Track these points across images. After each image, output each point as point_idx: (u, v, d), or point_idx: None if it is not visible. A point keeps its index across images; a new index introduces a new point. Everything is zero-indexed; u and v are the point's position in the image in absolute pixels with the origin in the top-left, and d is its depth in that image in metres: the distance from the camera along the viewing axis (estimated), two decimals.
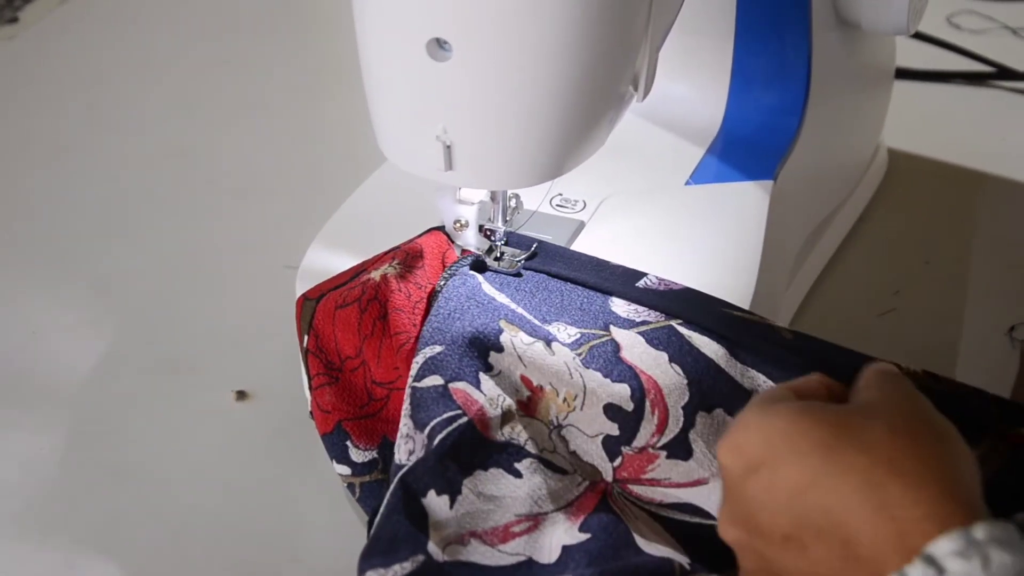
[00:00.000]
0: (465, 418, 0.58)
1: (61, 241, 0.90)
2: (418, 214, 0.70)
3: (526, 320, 0.62)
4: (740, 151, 0.75)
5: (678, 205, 0.72)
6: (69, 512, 0.68)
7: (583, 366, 0.60)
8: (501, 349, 0.60)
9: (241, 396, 0.75)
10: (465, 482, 0.57)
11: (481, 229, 0.66)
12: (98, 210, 0.93)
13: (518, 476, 0.58)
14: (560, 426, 0.60)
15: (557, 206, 0.72)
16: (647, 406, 0.58)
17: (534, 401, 0.60)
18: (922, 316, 0.80)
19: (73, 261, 0.88)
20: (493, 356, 0.60)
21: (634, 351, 0.60)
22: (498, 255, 0.66)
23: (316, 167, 0.98)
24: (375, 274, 0.64)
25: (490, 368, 0.60)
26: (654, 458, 0.58)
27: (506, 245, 0.67)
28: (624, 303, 0.63)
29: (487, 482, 0.57)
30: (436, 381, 0.59)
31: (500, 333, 0.61)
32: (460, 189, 0.64)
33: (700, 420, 0.58)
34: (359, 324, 0.63)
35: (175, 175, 0.97)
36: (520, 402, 0.60)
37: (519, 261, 0.66)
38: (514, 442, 0.58)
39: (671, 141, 0.77)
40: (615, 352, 0.60)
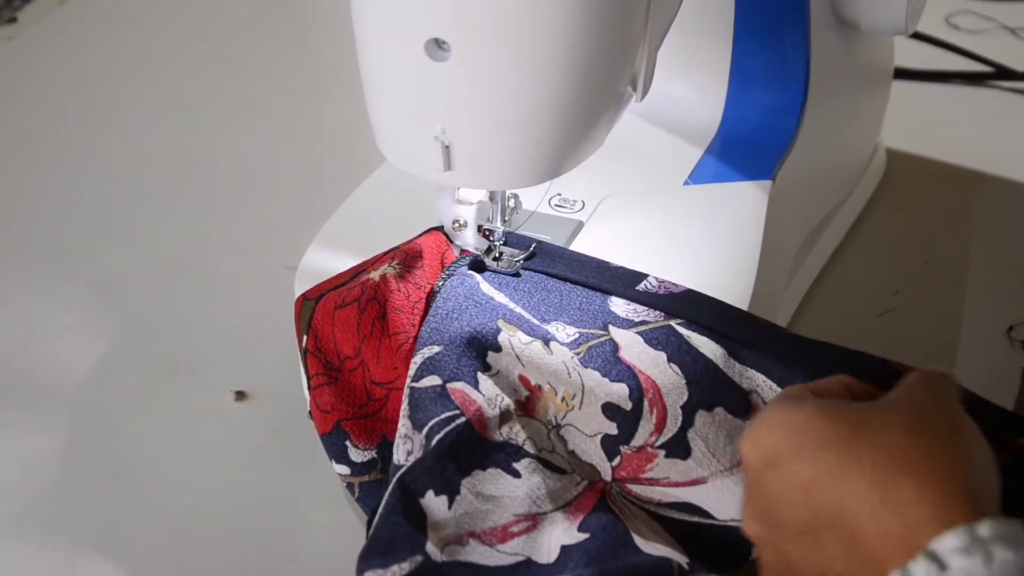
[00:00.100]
0: (463, 418, 0.58)
1: (60, 241, 0.90)
2: (417, 214, 0.70)
3: (524, 319, 0.62)
4: (739, 151, 0.75)
5: (677, 205, 0.72)
6: (69, 512, 0.68)
7: (581, 365, 0.60)
8: (499, 349, 0.60)
9: (240, 396, 0.75)
10: (463, 482, 0.57)
11: (480, 229, 0.66)
12: (97, 210, 0.93)
13: (516, 476, 0.58)
14: (559, 426, 0.60)
15: (556, 206, 0.72)
16: (645, 405, 0.58)
17: (532, 401, 0.60)
18: (921, 316, 0.80)
19: (72, 261, 0.88)
20: (491, 356, 0.60)
21: (632, 351, 0.60)
22: (497, 255, 0.66)
23: (315, 167, 0.98)
24: (374, 274, 0.64)
25: (488, 368, 0.60)
26: (653, 457, 0.58)
27: (505, 245, 0.67)
28: (623, 303, 0.63)
29: (485, 482, 0.57)
30: (434, 381, 0.59)
31: (498, 333, 0.61)
32: (459, 189, 0.64)
33: (700, 419, 0.58)
34: (358, 324, 0.63)
35: (174, 175, 0.97)
36: (518, 402, 0.60)
37: (518, 261, 0.66)
38: (512, 442, 0.58)
39: (670, 141, 0.77)
40: (614, 352, 0.60)
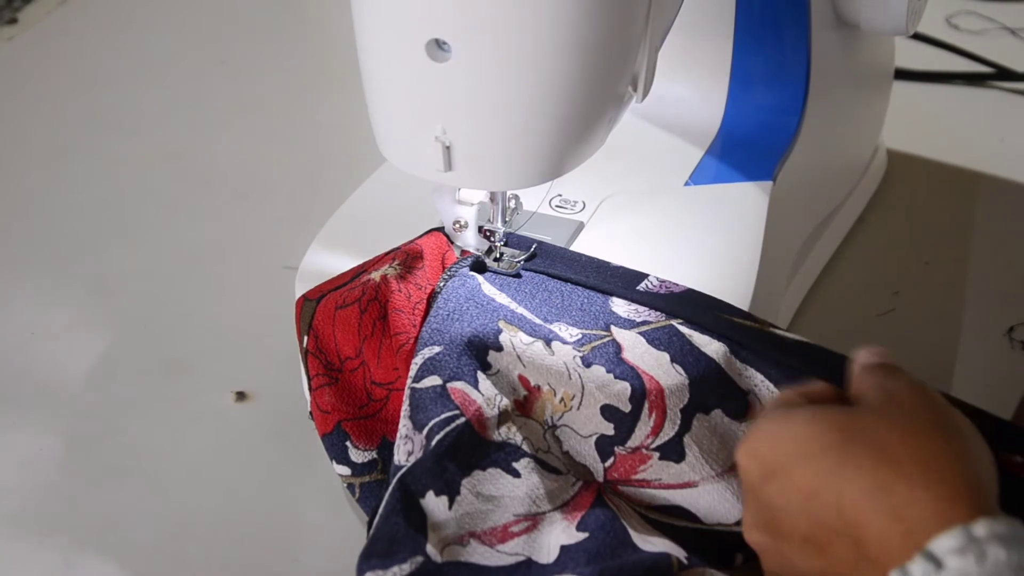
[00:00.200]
0: (463, 418, 0.58)
1: (59, 241, 0.90)
2: (417, 215, 0.70)
3: (526, 320, 0.62)
4: (739, 152, 0.75)
5: (677, 206, 0.72)
6: (67, 512, 0.68)
7: (583, 366, 0.60)
8: (500, 349, 0.60)
9: (240, 397, 0.75)
10: (464, 482, 0.57)
11: (480, 230, 0.66)
12: (97, 211, 0.93)
13: (516, 476, 0.57)
14: (554, 426, 0.60)
15: (556, 207, 0.72)
16: (645, 407, 0.58)
17: (530, 401, 0.60)
18: (921, 317, 0.80)
19: (71, 261, 0.88)
20: (492, 355, 0.60)
21: (635, 351, 0.60)
22: (497, 256, 0.66)
23: (315, 168, 0.98)
24: (375, 275, 0.64)
25: (488, 367, 0.60)
26: (647, 459, 0.58)
27: (505, 246, 0.67)
28: (624, 303, 0.63)
29: (486, 482, 0.57)
30: (435, 381, 0.59)
31: (499, 333, 0.61)
32: (459, 190, 0.64)
33: (697, 423, 0.58)
34: (359, 325, 0.63)
35: (174, 176, 0.97)
36: (517, 401, 0.60)
37: (518, 262, 0.65)
38: (510, 442, 0.58)
39: (670, 142, 0.77)
40: (616, 353, 0.60)
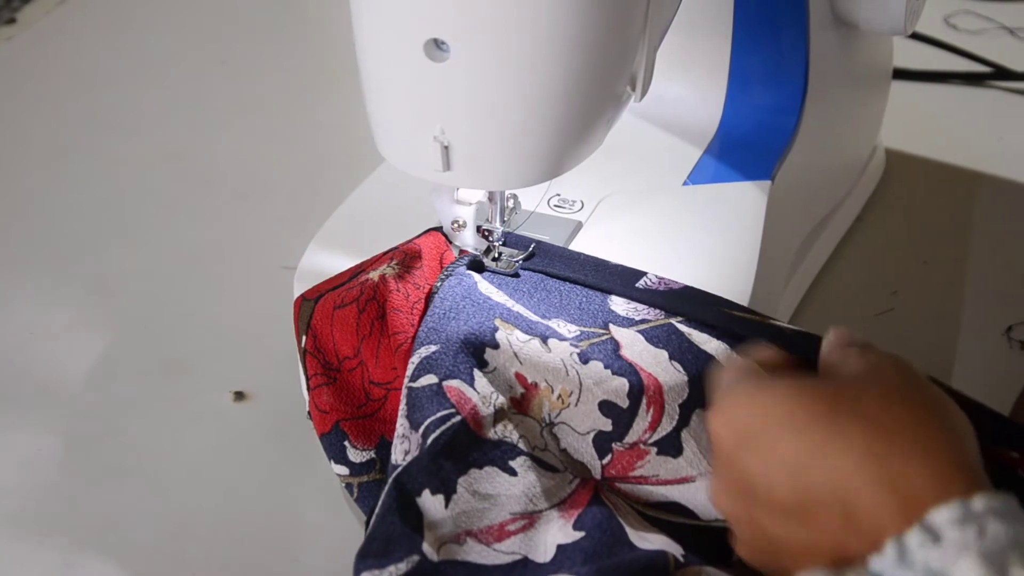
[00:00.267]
0: (459, 417, 0.58)
1: (59, 241, 0.90)
2: (416, 215, 0.70)
3: (522, 318, 0.62)
4: (738, 151, 0.75)
5: (676, 205, 0.72)
6: (67, 512, 0.68)
7: (580, 362, 0.60)
8: (497, 346, 0.60)
9: (239, 397, 0.75)
10: (460, 481, 0.57)
11: (479, 229, 0.66)
12: (96, 211, 0.93)
13: (512, 474, 0.57)
14: (552, 423, 0.60)
15: (555, 206, 0.72)
16: (643, 402, 0.58)
17: (527, 398, 0.60)
18: (920, 316, 0.80)
19: (70, 261, 0.88)
20: (489, 353, 0.60)
21: (634, 349, 0.60)
22: (496, 255, 0.66)
23: (314, 168, 0.98)
24: (373, 274, 0.64)
25: (485, 364, 0.60)
26: (644, 454, 0.58)
27: (504, 245, 0.67)
28: (623, 301, 0.63)
29: (482, 480, 0.57)
30: (431, 380, 0.59)
31: (495, 331, 0.61)
32: (458, 189, 0.64)
33: (695, 418, 0.58)
34: (357, 324, 0.63)
35: (172, 176, 0.97)
36: (513, 399, 0.59)
37: (517, 261, 0.65)
38: (507, 440, 0.58)
39: (669, 141, 0.77)
40: (615, 350, 0.60)
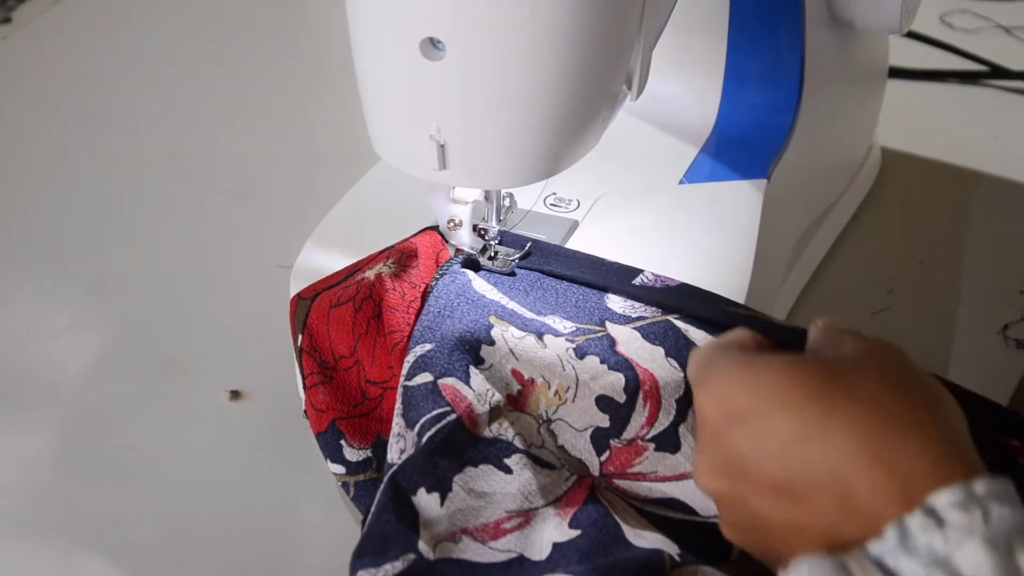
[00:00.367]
0: (454, 415, 0.58)
1: (56, 241, 0.90)
2: (412, 214, 0.70)
3: (517, 315, 0.62)
4: (734, 150, 0.75)
5: (672, 204, 0.72)
6: (64, 512, 0.68)
7: (576, 357, 0.60)
8: (492, 343, 0.60)
9: (235, 396, 0.74)
10: (455, 479, 0.57)
11: (475, 228, 0.66)
12: (92, 211, 0.93)
13: (508, 472, 0.57)
14: (549, 420, 0.60)
15: (551, 205, 0.72)
16: (640, 398, 0.58)
17: (524, 395, 0.60)
18: (916, 315, 0.80)
19: (68, 261, 0.88)
20: (485, 350, 0.60)
21: (630, 346, 0.60)
22: (492, 254, 0.66)
23: (310, 167, 0.98)
24: (370, 273, 0.64)
25: (481, 361, 0.60)
26: (642, 450, 0.58)
27: (500, 244, 0.67)
28: (620, 299, 0.63)
29: (477, 479, 0.57)
30: (426, 378, 0.59)
31: (491, 328, 0.61)
32: (454, 188, 0.64)
33: (692, 414, 0.58)
34: (353, 323, 0.63)
35: (169, 175, 0.97)
36: (510, 396, 0.59)
37: (513, 260, 0.65)
38: (502, 438, 0.58)
39: (665, 140, 0.77)
40: (611, 346, 0.60)
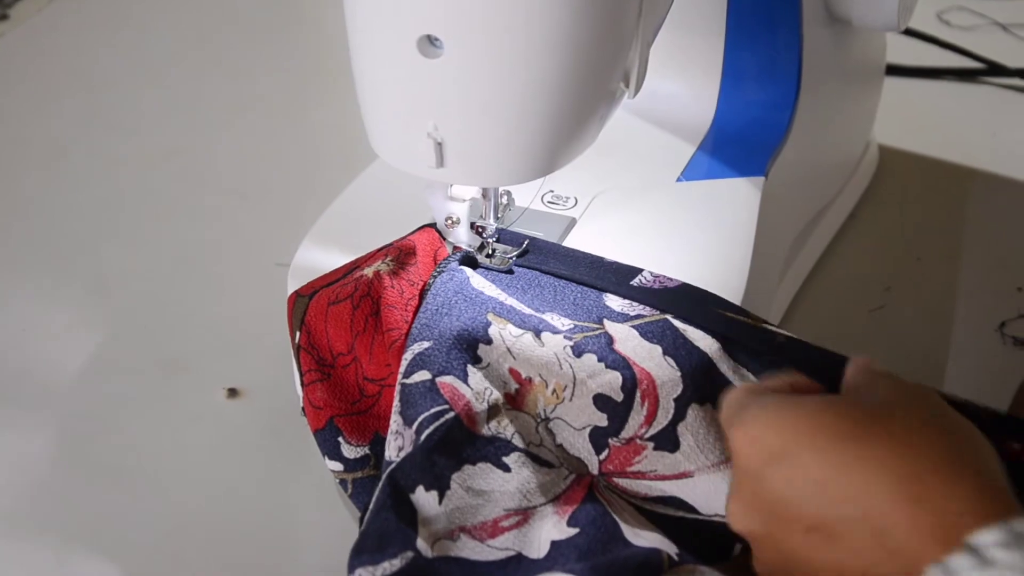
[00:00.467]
0: (452, 413, 0.58)
1: (54, 240, 0.90)
2: (410, 211, 0.70)
3: (515, 312, 0.62)
4: (731, 147, 0.75)
5: (670, 201, 0.72)
6: (61, 511, 0.68)
7: (574, 355, 0.60)
8: (490, 342, 0.60)
9: (232, 394, 0.74)
10: (453, 477, 0.57)
11: (473, 226, 0.66)
12: (91, 210, 0.93)
13: (507, 470, 0.57)
14: (547, 419, 0.60)
15: (549, 203, 0.72)
16: (638, 396, 0.58)
17: (522, 394, 0.60)
18: (913, 312, 0.80)
19: (66, 260, 0.88)
20: (482, 348, 0.60)
21: (627, 344, 0.60)
22: (490, 252, 0.66)
23: (308, 164, 0.98)
24: (368, 271, 0.64)
25: (479, 360, 0.60)
26: (641, 449, 0.58)
27: (498, 242, 0.67)
28: (619, 297, 0.63)
29: (476, 477, 0.57)
30: (424, 376, 0.59)
31: (488, 326, 0.61)
32: (451, 186, 0.64)
33: (691, 413, 0.58)
34: (351, 321, 0.63)
35: (167, 174, 0.97)
36: (508, 395, 0.59)
37: (511, 258, 0.65)
38: (501, 436, 0.58)
39: (662, 138, 0.77)
40: (608, 344, 0.60)
